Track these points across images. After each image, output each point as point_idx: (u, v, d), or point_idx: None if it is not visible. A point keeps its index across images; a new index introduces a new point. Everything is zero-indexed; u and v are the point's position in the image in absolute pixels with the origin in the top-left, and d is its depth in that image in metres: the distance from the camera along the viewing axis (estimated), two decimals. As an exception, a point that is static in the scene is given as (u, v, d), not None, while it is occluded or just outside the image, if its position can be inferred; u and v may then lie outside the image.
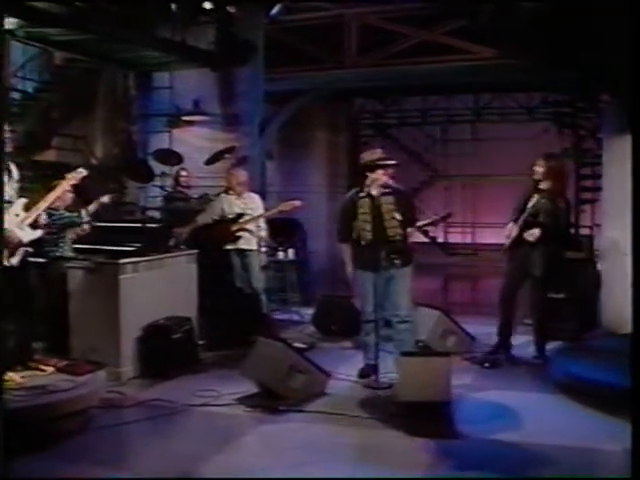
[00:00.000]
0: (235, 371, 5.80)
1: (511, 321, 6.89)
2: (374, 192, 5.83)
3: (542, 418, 5.08)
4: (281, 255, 9.24)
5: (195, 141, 9.22)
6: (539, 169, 6.64)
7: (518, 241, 6.65)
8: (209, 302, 7.15)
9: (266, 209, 7.86)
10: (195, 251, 7.08)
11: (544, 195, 6.56)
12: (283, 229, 9.35)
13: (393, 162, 6.04)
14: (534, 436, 4.71)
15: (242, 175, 7.85)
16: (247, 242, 7.72)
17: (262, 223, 7.78)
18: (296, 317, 8.81)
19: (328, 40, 10.47)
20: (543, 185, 6.62)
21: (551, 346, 6.89)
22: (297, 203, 7.67)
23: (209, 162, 8.57)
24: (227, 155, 8.57)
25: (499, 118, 14.62)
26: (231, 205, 7.78)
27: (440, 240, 15.81)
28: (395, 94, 14.32)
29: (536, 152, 13.23)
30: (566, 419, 5.06)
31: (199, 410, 5.26)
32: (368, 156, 5.98)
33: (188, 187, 8.76)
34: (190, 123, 9.32)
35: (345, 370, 6.20)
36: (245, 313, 7.27)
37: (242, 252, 7.71)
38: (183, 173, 8.74)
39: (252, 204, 7.83)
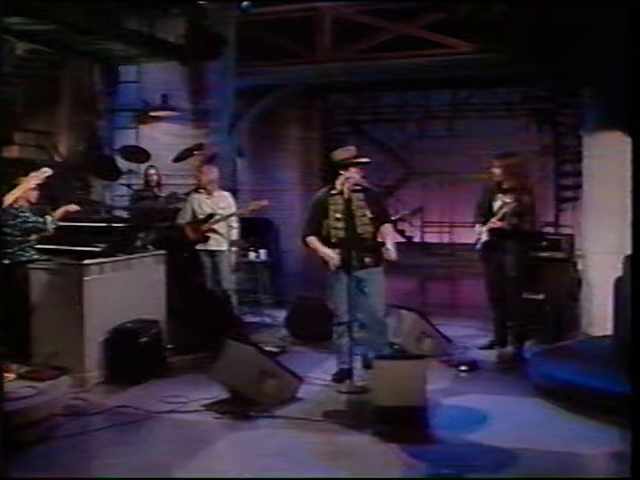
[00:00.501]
0: (204, 376, 5.79)
1: (504, 318, 7.15)
2: (346, 190, 5.87)
3: (520, 422, 5.13)
4: (252, 256, 9.23)
5: (163, 138, 9.17)
6: (496, 170, 6.88)
7: (489, 243, 6.92)
8: (177, 304, 7.13)
9: (238, 208, 7.87)
10: (163, 252, 7.06)
11: (508, 195, 6.80)
12: (255, 229, 9.35)
13: (366, 160, 6.11)
14: (512, 441, 4.75)
15: (212, 172, 7.85)
16: (217, 242, 7.73)
17: (234, 222, 7.80)
18: (268, 320, 8.80)
19: (301, 34, 10.46)
20: (505, 184, 6.86)
21: (531, 348, 6.99)
22: (264, 202, 7.70)
23: (178, 159, 8.54)
24: (196, 152, 8.54)
25: (477, 114, 14.67)
26: (202, 204, 7.78)
27: (417, 240, 15.87)
28: (370, 89, 14.32)
29: (516, 149, 13.36)
30: (545, 423, 5.11)
31: (167, 417, 5.25)
32: (341, 154, 6.05)
33: (157, 186, 8.72)
34: (158, 119, 9.27)
35: (318, 374, 6.24)
36: (215, 315, 7.26)
37: (212, 253, 7.73)
38: (152, 171, 8.71)
39: (223, 203, 7.83)
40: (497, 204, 6.92)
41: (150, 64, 9.24)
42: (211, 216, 7.70)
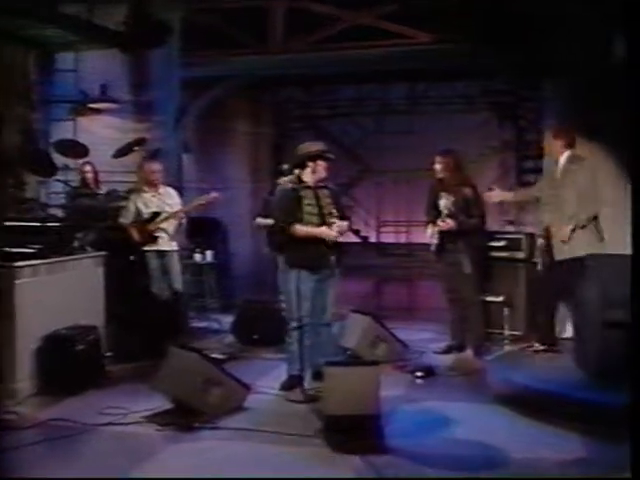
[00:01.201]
0: (145, 385, 5.74)
1: (462, 321, 7.31)
2: (312, 184, 5.99)
3: (479, 429, 5.16)
4: (198, 257, 9.18)
5: (103, 131, 9.06)
6: (438, 166, 7.05)
7: (441, 244, 7.14)
8: (117, 309, 7.06)
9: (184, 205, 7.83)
10: (102, 253, 6.98)
11: (451, 191, 7.04)
12: (201, 228, 9.30)
13: (332, 156, 6.16)
14: (469, 449, 4.79)
15: (156, 168, 7.79)
16: (167, 242, 7.70)
17: (184, 220, 7.79)
18: (215, 325, 8.79)
19: (251, 22, 10.42)
20: (446, 182, 7.12)
21: (490, 353, 7.07)
22: (215, 195, 7.67)
23: (118, 155, 8.44)
24: (138, 147, 8.45)
25: (436, 109, 14.79)
26: (146, 203, 7.72)
27: (372, 240, 15.93)
28: (325, 82, 14.34)
29: (476, 144, 13.47)
30: (504, 430, 5.15)
31: (106, 430, 5.18)
32: (309, 147, 6.11)
33: (95, 183, 8.61)
34: (97, 111, 9.15)
35: (267, 382, 6.23)
36: (159, 320, 7.20)
37: (162, 253, 7.70)
38: (87, 168, 8.58)
39: (169, 200, 7.80)
40: (442, 203, 7.10)
41: (89, 52, 9.11)
42: (157, 214, 7.65)
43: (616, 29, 7.23)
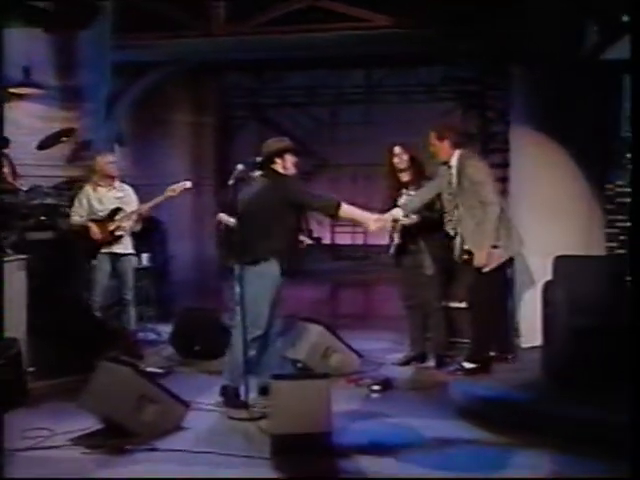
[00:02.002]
0: (73, 404, 5.64)
1: (423, 330, 7.42)
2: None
3: (440, 447, 5.19)
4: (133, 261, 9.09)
5: (25, 120, 8.91)
6: (398, 159, 7.25)
7: (403, 245, 7.26)
8: (42, 319, 6.96)
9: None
10: (24, 256, 6.88)
11: (412, 186, 7.19)
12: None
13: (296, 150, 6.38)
14: (430, 467, 4.80)
15: (112, 159, 7.84)
16: (122, 244, 7.72)
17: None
18: (152, 336, 8.73)
19: (192, 2, 10.37)
20: (406, 177, 7.26)
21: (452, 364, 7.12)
22: (188, 184, 7.71)
23: (43, 146, 8.34)
24: (66, 138, 8.36)
25: (396, 98, 14.86)
26: (101, 198, 7.68)
27: (326, 242, 15.96)
28: (274, 68, 14.32)
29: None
30: (467, 447, 5.19)
31: (27, 455, 5.09)
32: (276, 144, 6.31)
33: (13, 177, 8.48)
34: (19, 97, 9.00)
35: (208, 399, 6.19)
36: (90, 331, 7.13)
37: (116, 256, 7.73)
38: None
39: (126, 196, 7.85)
40: (404, 200, 7.13)
41: (9, 31, 8.97)
42: (117, 211, 7.62)
43: (589, 17, 7.35)
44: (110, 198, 7.76)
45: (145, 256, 9.18)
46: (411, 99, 14.78)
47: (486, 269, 6.53)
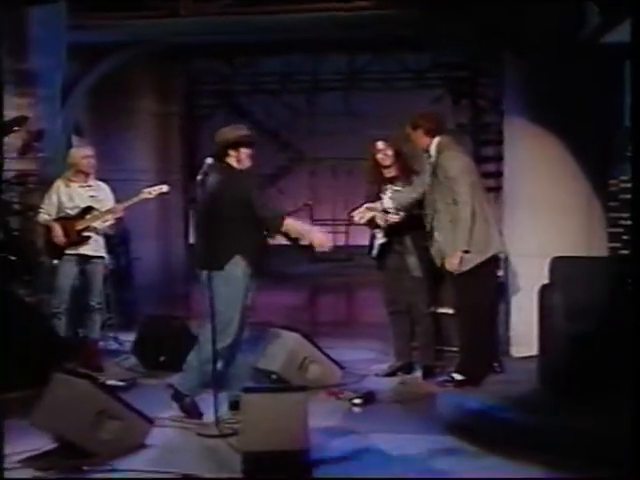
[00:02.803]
0: (24, 421, 5.60)
1: (409, 338, 7.45)
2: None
3: (427, 465, 5.20)
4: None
5: (-29, 107, 8.88)
6: (381, 155, 7.25)
7: (388, 246, 7.30)
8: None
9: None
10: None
11: (398, 182, 7.24)
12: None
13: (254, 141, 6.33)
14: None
15: (88, 153, 7.86)
16: (93, 246, 7.73)
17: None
18: (113, 345, 8.70)
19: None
20: (391, 173, 7.30)
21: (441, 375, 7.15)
22: (165, 188, 7.72)
23: (-9, 137, 8.29)
24: (17, 128, 8.32)
25: (380, 85, 14.86)
26: (71, 195, 7.66)
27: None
28: (246, 52, 14.30)
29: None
30: (456, 465, 5.19)
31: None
32: (232, 132, 6.23)
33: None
34: (-36, 82, 8.96)
35: (174, 413, 6.19)
36: (44, 339, 7.09)
37: (85, 259, 7.74)
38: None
39: (100, 194, 7.85)
40: (388, 196, 7.15)
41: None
42: (88, 210, 7.59)
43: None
44: (82, 196, 7.74)
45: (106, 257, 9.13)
46: (396, 87, 14.78)
47: (456, 273, 6.57)
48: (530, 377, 6.38)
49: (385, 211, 7.18)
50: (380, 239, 7.30)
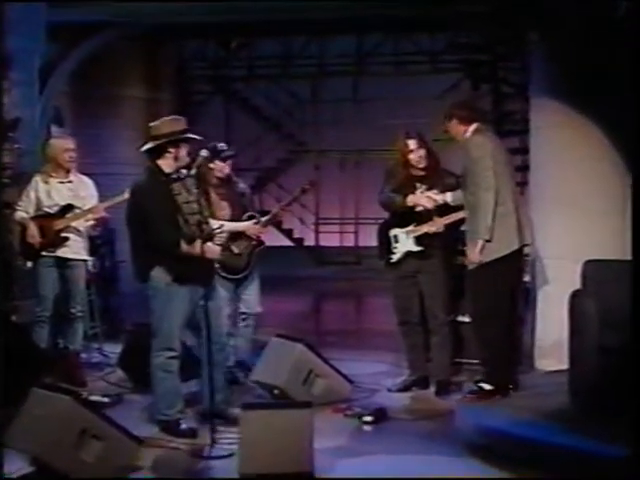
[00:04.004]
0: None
1: (425, 349, 7.39)
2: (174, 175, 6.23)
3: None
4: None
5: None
6: (418, 154, 7.14)
7: (418, 254, 7.20)
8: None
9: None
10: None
11: (432, 182, 7.16)
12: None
13: (199, 137, 6.41)
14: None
15: (69, 146, 7.80)
16: (73, 248, 7.71)
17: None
18: (97, 357, 8.69)
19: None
20: (421, 172, 7.23)
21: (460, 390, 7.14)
22: None
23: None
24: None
25: (391, 69, 14.91)
26: (50, 191, 7.67)
27: (309, 243, 15.97)
28: (244, 34, 14.32)
29: (443, 116, 13.59)
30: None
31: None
32: (170, 125, 6.25)
33: None
34: None
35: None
36: (21, 352, 7.09)
37: (65, 262, 7.73)
38: None
39: (82, 191, 7.81)
40: (416, 199, 7.13)
41: None
42: (69, 208, 7.59)
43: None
44: (62, 192, 7.72)
45: (90, 261, 9.13)
46: (410, 71, 14.81)
47: (472, 266, 6.57)
48: (559, 392, 6.35)
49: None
50: (411, 246, 7.22)
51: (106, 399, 7.02)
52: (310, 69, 15.25)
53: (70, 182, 7.80)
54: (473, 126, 6.78)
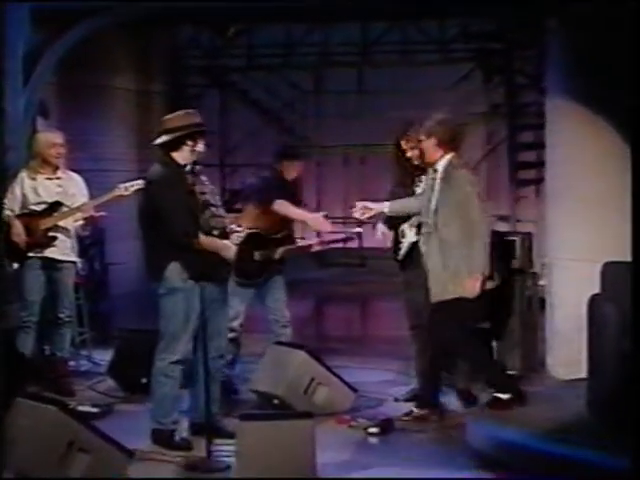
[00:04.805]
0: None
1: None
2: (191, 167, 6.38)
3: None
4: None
5: None
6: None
7: (417, 247, 7.13)
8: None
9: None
10: None
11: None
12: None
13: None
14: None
15: (57, 141, 7.86)
16: (61, 249, 7.74)
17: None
18: (86, 365, 8.70)
19: None
20: (422, 167, 7.17)
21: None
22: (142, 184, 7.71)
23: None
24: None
25: (398, 58, 14.87)
26: (37, 188, 7.70)
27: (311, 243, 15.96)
28: (242, 20, 14.32)
29: (454, 109, 13.56)
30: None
31: None
32: (187, 118, 6.42)
33: None
34: None
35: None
36: (6, 359, 7.10)
37: (52, 263, 7.75)
38: None
39: (71, 188, 7.83)
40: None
41: None
42: (56, 206, 7.60)
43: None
44: (50, 189, 7.73)
45: (78, 263, 9.15)
46: (418, 61, 14.77)
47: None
48: (577, 403, 6.35)
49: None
50: (411, 236, 7.20)
51: (95, 409, 7.05)
52: (312, 59, 15.19)
53: (58, 179, 7.81)
54: (450, 155, 6.77)
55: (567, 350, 7.60)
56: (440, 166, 6.74)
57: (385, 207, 7.12)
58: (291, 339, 7.62)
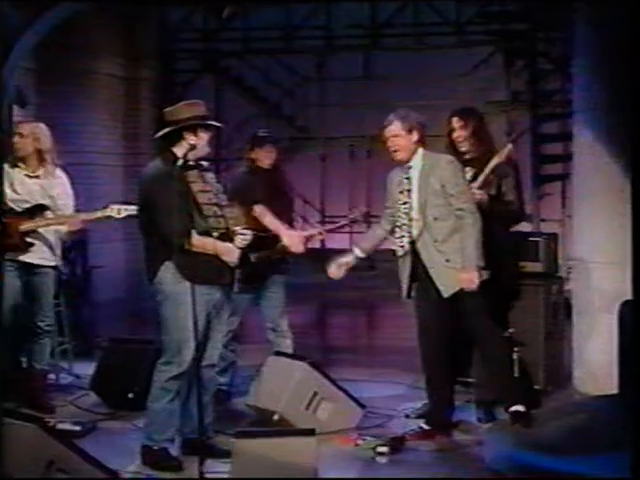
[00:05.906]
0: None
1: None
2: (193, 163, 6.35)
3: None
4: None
5: None
6: (462, 130, 7.29)
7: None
8: None
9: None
10: None
11: (477, 165, 7.20)
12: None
13: (217, 124, 6.65)
14: None
15: (45, 134, 7.79)
16: (40, 253, 7.70)
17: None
18: (67, 378, 8.71)
19: None
20: (468, 156, 7.30)
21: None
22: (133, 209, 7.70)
23: None
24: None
25: (411, 41, 14.89)
26: (15, 184, 7.69)
27: (314, 246, 15.93)
28: (236, 1, 14.35)
29: (472, 96, 13.55)
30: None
31: None
32: (188, 110, 6.42)
33: None
34: None
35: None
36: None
37: (30, 268, 7.72)
38: None
39: (56, 188, 7.78)
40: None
41: None
42: (38, 209, 7.60)
43: None
44: (30, 187, 7.68)
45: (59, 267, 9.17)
46: (431, 43, 14.79)
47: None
48: (607, 421, 6.36)
49: None
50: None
51: (77, 427, 7.01)
52: (315, 42, 15.23)
53: (38, 177, 7.74)
54: (421, 150, 6.85)
55: (596, 362, 7.61)
56: (417, 161, 6.80)
57: (357, 252, 7.18)
58: (292, 350, 7.63)
